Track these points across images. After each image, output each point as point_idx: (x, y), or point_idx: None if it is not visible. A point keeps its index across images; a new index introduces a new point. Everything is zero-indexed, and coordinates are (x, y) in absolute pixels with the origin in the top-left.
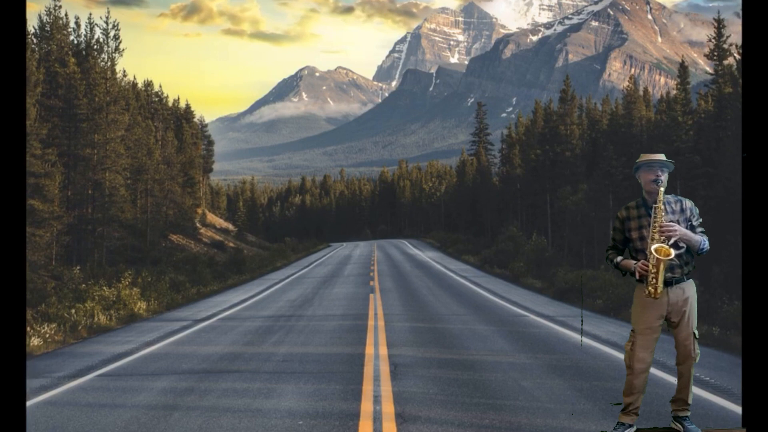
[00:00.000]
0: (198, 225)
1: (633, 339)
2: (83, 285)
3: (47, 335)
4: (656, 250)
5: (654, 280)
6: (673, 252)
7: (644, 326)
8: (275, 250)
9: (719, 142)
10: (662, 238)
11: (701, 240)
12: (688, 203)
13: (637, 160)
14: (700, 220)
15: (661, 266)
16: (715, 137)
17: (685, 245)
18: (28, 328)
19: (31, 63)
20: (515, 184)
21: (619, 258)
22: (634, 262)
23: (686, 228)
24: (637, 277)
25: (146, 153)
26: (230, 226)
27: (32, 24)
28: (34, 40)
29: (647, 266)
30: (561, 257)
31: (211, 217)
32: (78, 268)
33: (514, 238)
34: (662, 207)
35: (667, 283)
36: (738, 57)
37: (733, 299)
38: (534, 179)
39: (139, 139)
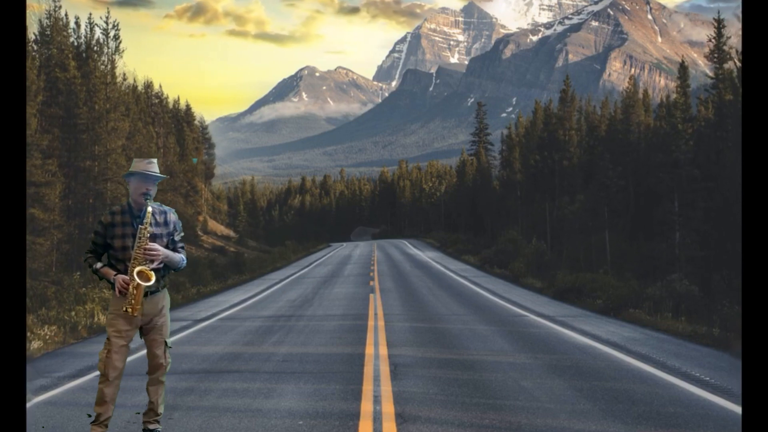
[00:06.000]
0: (199, 233)
1: (109, 347)
2: (83, 289)
3: (47, 337)
4: (138, 274)
5: (133, 301)
6: (153, 278)
7: (119, 334)
8: (276, 254)
9: (719, 154)
10: (146, 260)
11: (181, 258)
12: (172, 216)
13: (132, 167)
14: (183, 234)
15: (141, 289)
16: (715, 149)
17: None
18: (29, 333)
19: (32, 72)
20: (516, 191)
21: (99, 264)
22: (115, 272)
23: (168, 241)
24: (117, 294)
25: None
26: (231, 233)
27: (32, 31)
28: (35, 47)
29: (127, 286)
30: (559, 262)
31: (213, 225)
32: (78, 274)
33: (514, 240)
34: (148, 228)
35: (143, 295)
36: (738, 63)
37: (733, 304)
38: (533, 187)
39: (140, 148)
